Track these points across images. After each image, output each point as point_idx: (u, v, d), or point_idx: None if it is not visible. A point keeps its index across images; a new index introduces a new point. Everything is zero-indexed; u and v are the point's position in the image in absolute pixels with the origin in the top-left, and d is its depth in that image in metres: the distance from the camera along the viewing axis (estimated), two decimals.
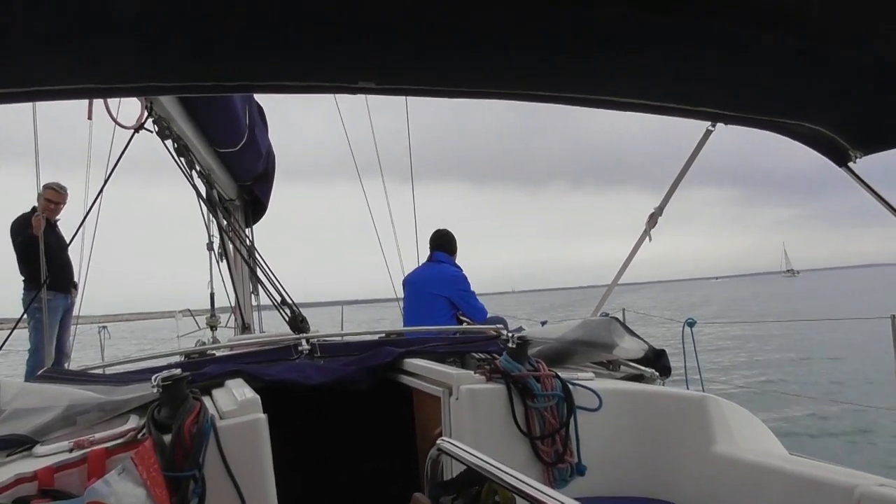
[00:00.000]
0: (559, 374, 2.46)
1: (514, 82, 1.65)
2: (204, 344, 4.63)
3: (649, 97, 1.68)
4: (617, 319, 3.15)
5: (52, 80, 1.31)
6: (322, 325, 4.05)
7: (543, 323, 5.50)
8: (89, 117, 3.28)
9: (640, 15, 1.26)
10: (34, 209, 6.40)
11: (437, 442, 1.74)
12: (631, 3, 1.24)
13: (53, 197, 6.57)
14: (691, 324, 5.70)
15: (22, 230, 6.25)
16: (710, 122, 2.75)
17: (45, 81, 1.30)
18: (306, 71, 1.45)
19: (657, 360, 2.87)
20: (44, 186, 6.47)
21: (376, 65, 1.45)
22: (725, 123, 1.96)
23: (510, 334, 2.56)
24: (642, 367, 2.82)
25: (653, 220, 3.36)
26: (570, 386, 2.41)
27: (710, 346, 16.43)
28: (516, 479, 1.37)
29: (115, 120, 3.19)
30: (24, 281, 6.31)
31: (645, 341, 2.97)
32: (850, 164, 1.84)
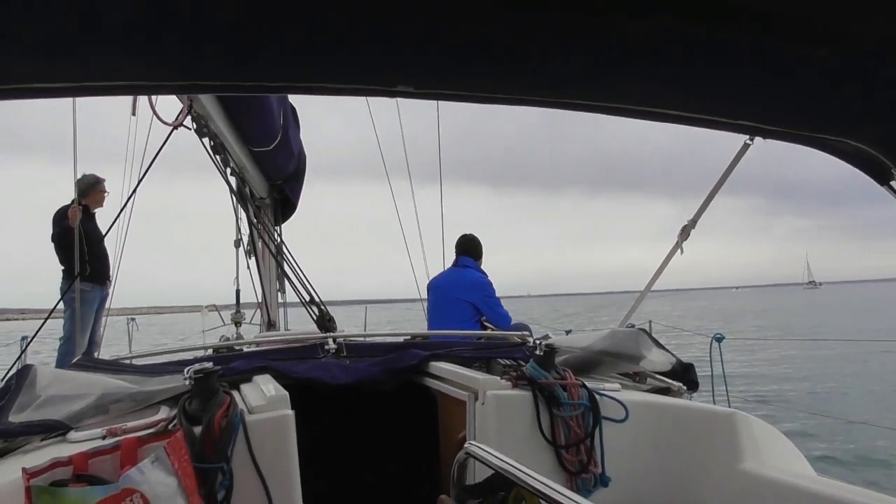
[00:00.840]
0: (585, 383, 2.45)
1: (551, 91, 1.66)
2: (228, 339, 4.69)
3: (687, 109, 1.68)
4: (645, 331, 3.13)
5: (99, 77, 1.34)
6: (343, 324, 4.08)
7: (568, 332, 5.49)
8: (133, 113, 3.35)
9: (682, 27, 1.25)
10: (78, 201, 6.59)
11: (465, 445, 1.74)
12: (675, 16, 1.24)
13: (104, 190, 6.78)
14: (719, 339, 5.65)
15: (61, 221, 6.37)
16: (748, 136, 2.72)
17: (91, 78, 1.33)
18: (346, 74, 1.47)
19: (685, 374, 2.85)
20: (96, 181, 6.68)
21: (415, 69, 1.46)
22: (764, 138, 1.94)
23: (537, 342, 2.56)
24: (669, 381, 2.80)
25: (685, 232, 3.33)
26: (597, 396, 2.40)
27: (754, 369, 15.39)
28: (546, 485, 1.37)
29: (158, 116, 3.26)
30: (62, 271, 6.43)
31: (673, 354, 2.95)
32: (893, 183, 1.82)
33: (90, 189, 6.66)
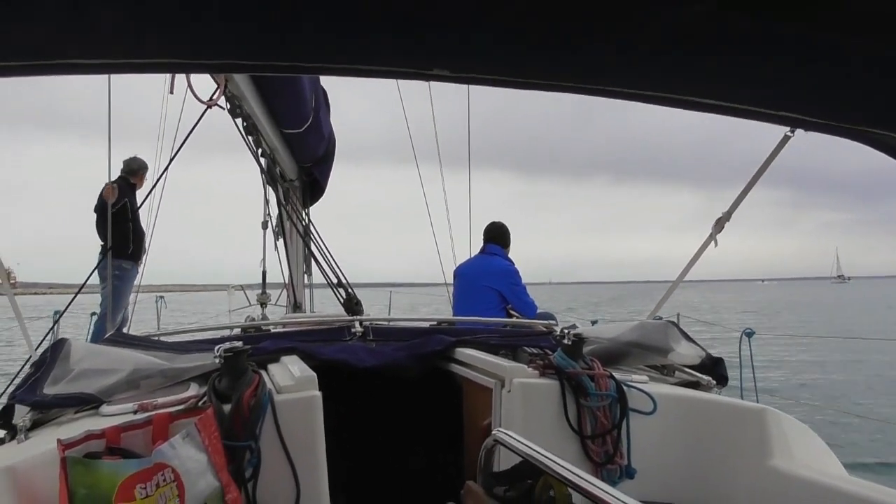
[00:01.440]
0: (613, 374, 2.43)
1: (588, 77, 1.63)
2: (254, 319, 4.73)
3: (728, 99, 1.64)
4: (674, 323, 3.10)
5: (138, 54, 1.35)
6: (366, 307, 4.10)
7: (594, 322, 5.45)
8: (171, 91, 3.37)
9: (725, 14, 1.22)
10: (124, 178, 6.75)
11: (493, 432, 1.74)
12: (719, 1, 1.21)
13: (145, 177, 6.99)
14: (749, 334, 5.59)
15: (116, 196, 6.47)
16: (788, 128, 2.66)
17: (130, 55, 1.34)
18: (382, 56, 1.46)
19: (714, 368, 2.81)
20: (144, 164, 6.86)
21: (452, 53, 1.44)
22: (805, 130, 1.89)
23: (565, 331, 2.54)
24: (698, 374, 2.76)
25: (720, 224, 3.28)
26: (625, 387, 2.38)
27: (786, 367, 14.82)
28: (575, 474, 1.36)
29: (195, 95, 3.29)
30: (101, 246, 6.53)
31: (702, 348, 2.91)
32: None
33: (140, 170, 6.86)
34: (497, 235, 5.37)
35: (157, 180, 4.09)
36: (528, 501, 1.57)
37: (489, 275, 5.13)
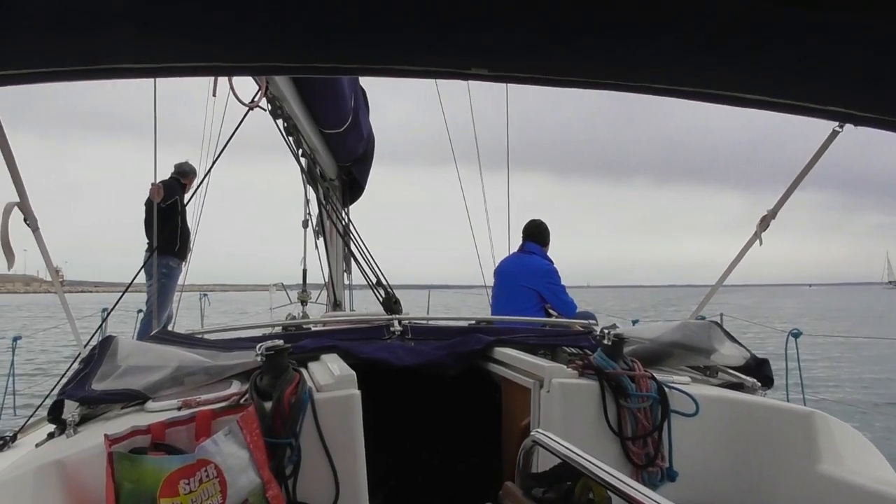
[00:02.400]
0: (654, 375, 2.40)
1: (630, 74, 1.60)
2: (294, 318, 4.79)
3: (774, 94, 1.60)
4: (717, 324, 3.04)
5: (183, 58, 1.37)
6: (404, 308, 4.11)
7: (635, 322, 5.38)
8: (213, 94, 3.44)
9: (771, 6, 1.19)
10: (175, 178, 6.93)
11: (532, 433, 1.73)
12: None
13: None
14: (796, 335, 5.46)
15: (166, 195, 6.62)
16: (837, 123, 2.58)
17: (174, 59, 1.36)
18: (421, 56, 1.46)
19: (759, 370, 2.75)
20: (194, 168, 7.07)
21: (491, 52, 1.44)
22: (855, 125, 1.83)
23: (605, 331, 2.51)
24: (742, 376, 2.70)
25: (765, 222, 3.21)
26: (666, 389, 2.34)
27: None
28: (616, 478, 1.35)
29: (237, 97, 3.34)
30: (148, 244, 6.69)
31: (746, 349, 2.85)
32: None
33: (190, 174, 7.07)
34: (535, 233, 5.34)
35: (201, 181, 4.17)
36: (566, 503, 1.55)
37: (527, 274, 5.11)
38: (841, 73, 1.46)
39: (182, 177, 7.19)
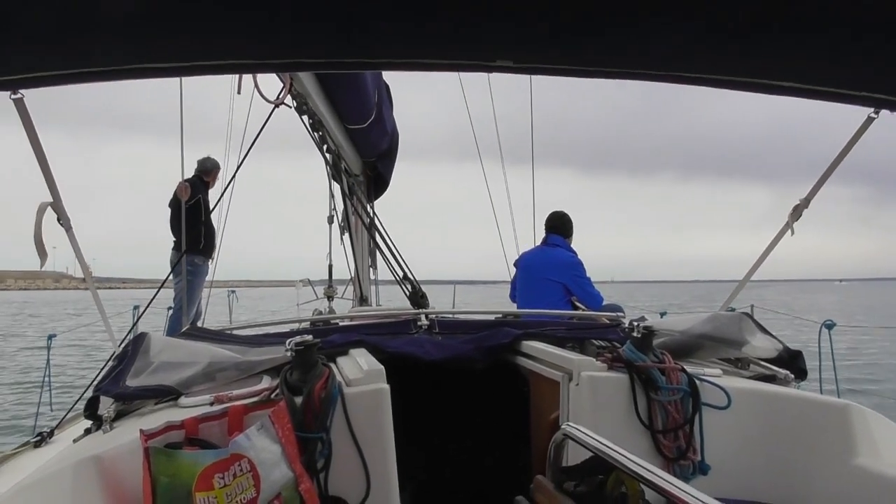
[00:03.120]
0: (685, 368, 2.37)
1: (656, 63, 1.57)
2: (321, 313, 4.82)
3: (807, 80, 1.57)
4: (749, 315, 3.00)
5: (208, 56, 1.38)
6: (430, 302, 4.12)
7: (663, 314, 5.33)
8: (238, 92, 3.47)
9: None
10: (198, 177, 7.02)
11: (563, 426, 1.72)
12: None
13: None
14: (830, 326, 5.37)
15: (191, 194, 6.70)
16: (872, 110, 2.53)
17: (200, 58, 1.37)
18: (446, 49, 1.45)
19: (792, 362, 2.71)
20: (217, 164, 7.13)
21: (515, 44, 1.43)
22: (892, 110, 1.78)
23: (634, 323, 2.49)
24: (775, 368, 2.67)
25: (797, 212, 3.15)
26: (697, 381, 2.32)
27: None
28: (649, 471, 1.34)
29: (262, 94, 3.36)
30: (174, 242, 6.78)
31: (779, 340, 2.81)
32: None
33: (213, 169, 7.13)
34: (559, 225, 5.31)
35: (230, 181, 4.20)
36: (599, 497, 1.54)
37: (552, 267, 5.08)
38: (878, 57, 1.43)
39: (205, 174, 7.24)
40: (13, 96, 2.30)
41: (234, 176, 3.80)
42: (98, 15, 1.06)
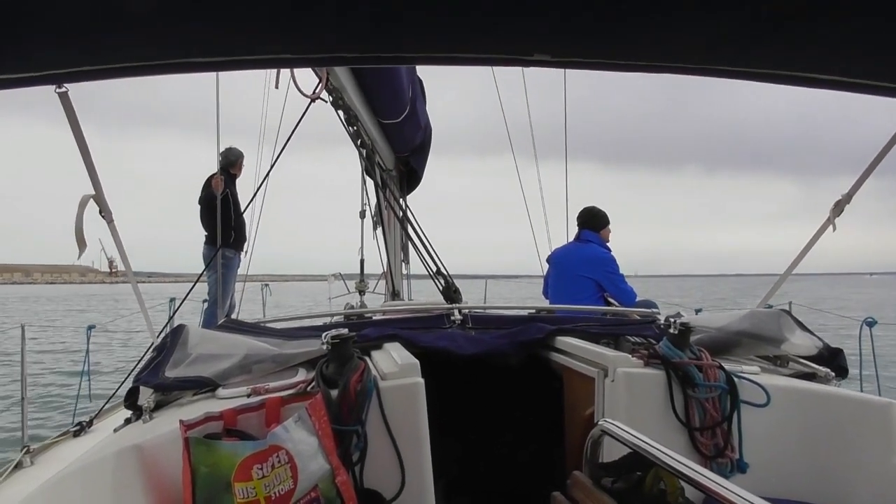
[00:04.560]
0: (722, 365, 2.34)
1: (699, 56, 1.54)
2: (353, 307, 4.84)
3: (847, 73, 1.52)
4: (787, 312, 2.94)
5: (245, 51, 1.39)
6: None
7: (698, 311, 5.25)
8: (276, 86, 3.50)
9: None
10: (225, 170, 7.09)
11: (599, 422, 1.71)
12: None
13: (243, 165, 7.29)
14: (871, 323, 5.26)
15: (208, 187, 6.78)
16: None
17: (238, 52, 1.38)
18: (483, 43, 1.44)
19: (832, 359, 2.65)
20: (241, 153, 7.16)
21: (554, 37, 1.41)
22: None
23: (671, 319, 2.46)
24: (815, 366, 2.61)
25: (839, 207, 3.08)
26: (735, 378, 2.29)
27: None
28: (688, 467, 1.32)
29: (299, 89, 3.39)
30: (205, 236, 6.86)
31: (819, 338, 2.75)
32: None
33: (238, 160, 7.15)
34: (589, 220, 5.26)
35: (266, 175, 4.23)
36: (637, 493, 1.53)
37: (584, 264, 5.03)
38: None
39: (231, 166, 7.24)
40: (58, 90, 2.35)
41: (270, 169, 3.83)
42: (141, 10, 1.08)
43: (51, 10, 1.02)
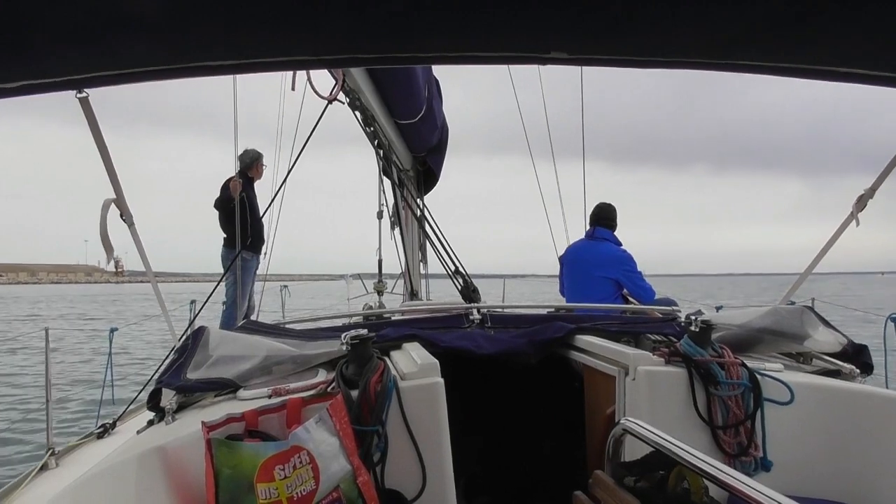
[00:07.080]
0: (745, 362, 2.31)
1: (718, 51, 1.53)
2: (371, 307, 4.85)
3: (873, 66, 1.50)
4: (811, 308, 2.90)
5: (261, 53, 1.39)
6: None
7: (719, 308, 5.20)
8: (293, 88, 3.51)
9: None
10: (242, 173, 7.12)
11: (621, 421, 1.70)
12: None
13: (263, 164, 7.27)
14: (895, 319, 5.18)
15: (226, 190, 6.80)
16: None
17: (255, 55, 1.39)
18: (499, 41, 1.43)
19: (857, 356, 2.62)
20: (258, 155, 7.15)
21: (571, 34, 1.40)
22: None
23: (692, 317, 2.44)
24: (839, 362, 2.58)
25: (861, 202, 3.04)
26: (758, 376, 2.26)
27: None
28: (712, 466, 1.31)
29: (315, 91, 3.40)
30: (224, 238, 6.91)
31: (843, 334, 2.72)
32: None
33: (254, 162, 7.16)
34: (605, 217, 5.22)
35: (285, 178, 4.25)
36: (661, 493, 1.52)
37: (603, 264, 5.00)
38: None
39: (248, 169, 7.24)
40: (79, 95, 2.37)
41: (289, 172, 3.84)
42: (159, 14, 1.09)
43: (70, 16, 1.03)
